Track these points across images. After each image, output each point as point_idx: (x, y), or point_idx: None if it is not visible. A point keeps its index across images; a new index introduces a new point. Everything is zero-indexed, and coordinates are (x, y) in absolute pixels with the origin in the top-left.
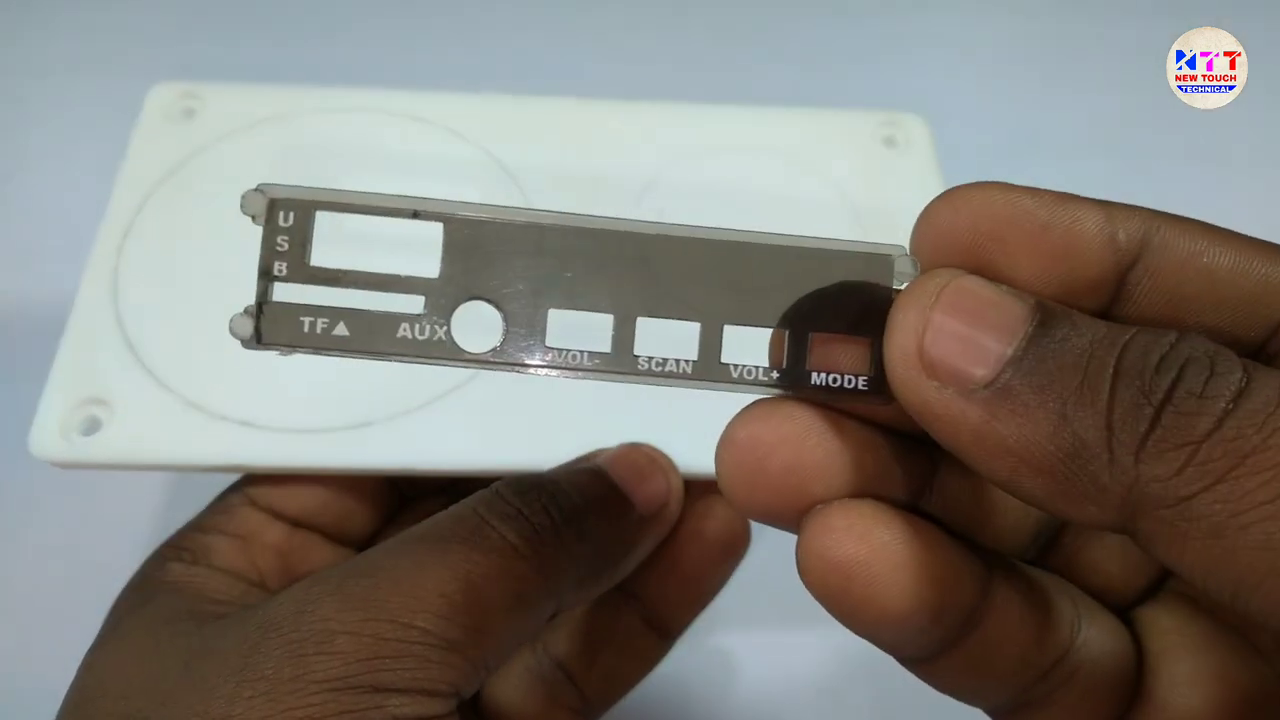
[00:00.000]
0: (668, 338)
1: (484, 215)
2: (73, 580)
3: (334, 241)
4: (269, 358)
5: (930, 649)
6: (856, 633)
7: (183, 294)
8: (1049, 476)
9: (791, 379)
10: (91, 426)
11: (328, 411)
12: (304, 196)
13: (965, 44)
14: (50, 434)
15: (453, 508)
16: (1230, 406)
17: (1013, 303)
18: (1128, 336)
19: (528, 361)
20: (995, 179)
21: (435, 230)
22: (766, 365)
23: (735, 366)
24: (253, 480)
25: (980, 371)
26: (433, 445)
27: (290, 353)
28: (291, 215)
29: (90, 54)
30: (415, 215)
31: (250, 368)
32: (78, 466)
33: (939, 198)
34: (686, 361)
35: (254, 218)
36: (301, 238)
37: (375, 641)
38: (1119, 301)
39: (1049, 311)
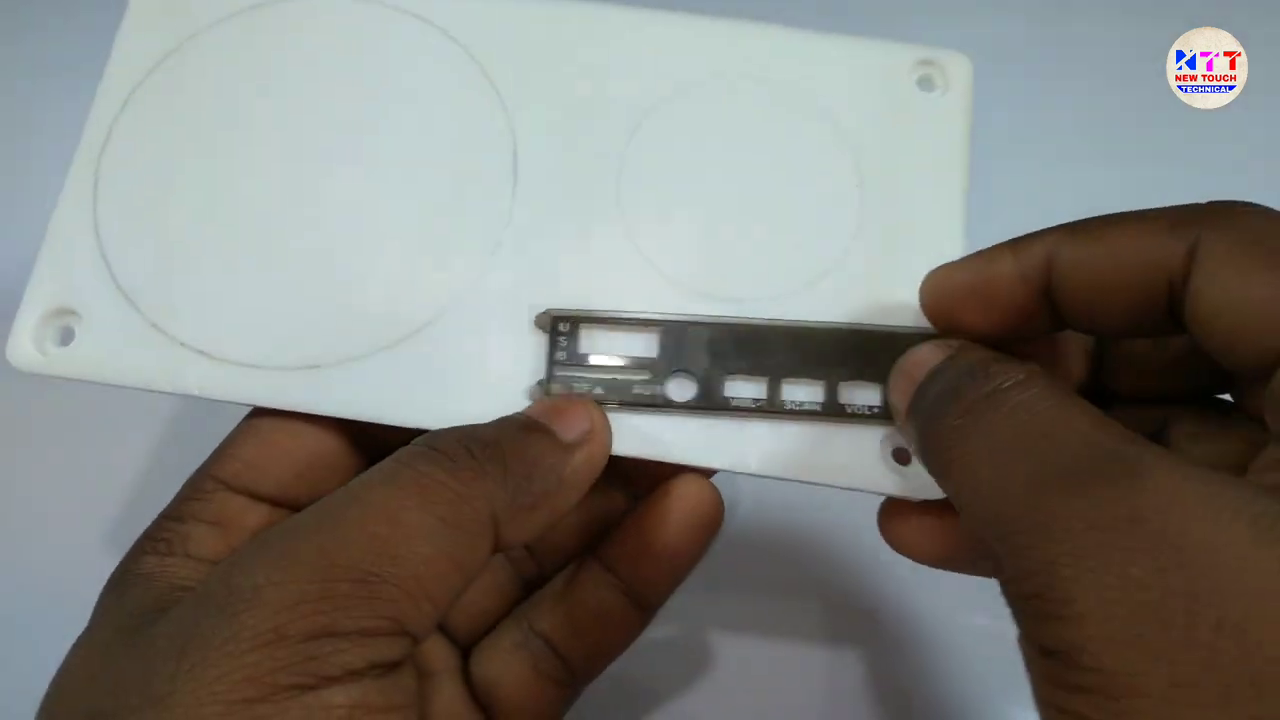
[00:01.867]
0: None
1: (681, 319)
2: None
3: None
4: (239, 287)
5: None
6: None
7: (163, 202)
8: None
9: (831, 407)
10: (66, 337)
11: (280, 350)
12: (576, 315)
13: (965, 44)
14: (25, 344)
15: (384, 463)
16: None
17: (927, 366)
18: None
19: (704, 406)
20: (996, 179)
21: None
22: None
23: (789, 402)
24: (224, 462)
25: (902, 405)
26: (380, 394)
27: None
28: (567, 325)
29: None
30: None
31: (213, 297)
32: (52, 378)
33: (922, 283)
34: (805, 404)
35: (542, 328)
36: (573, 338)
37: (300, 586)
38: (1058, 315)
39: (947, 359)
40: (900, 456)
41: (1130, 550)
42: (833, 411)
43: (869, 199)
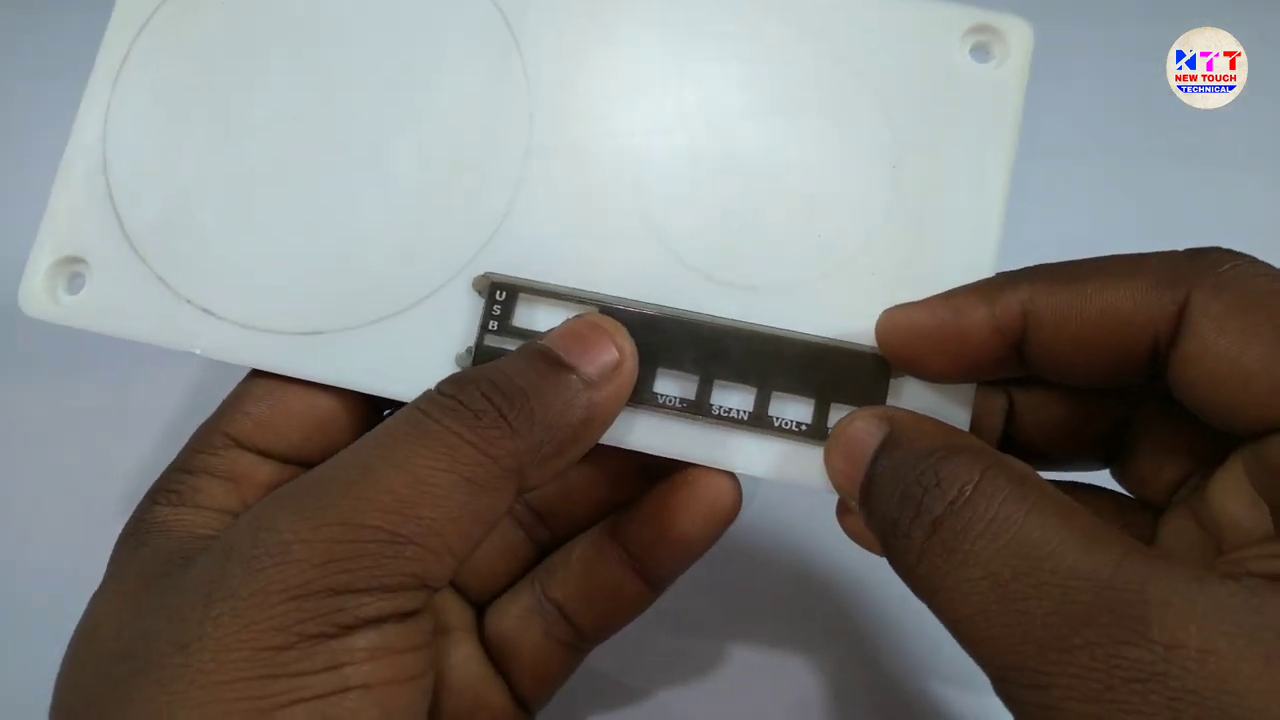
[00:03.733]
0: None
1: (630, 310)
2: None
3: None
4: (242, 248)
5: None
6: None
7: (173, 150)
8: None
9: (816, 431)
10: (76, 285)
11: (284, 313)
12: (514, 283)
13: None
14: (37, 290)
15: (396, 413)
16: (944, 511)
17: (866, 447)
18: (901, 470)
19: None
20: None
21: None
22: (800, 420)
23: (778, 419)
24: (235, 419)
25: (854, 496)
26: (382, 364)
27: None
28: (504, 294)
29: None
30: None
31: (220, 255)
32: (62, 324)
33: (877, 322)
34: (743, 412)
35: (479, 292)
36: (509, 308)
37: (328, 545)
38: (1026, 363)
39: (885, 443)
40: None
41: (1151, 708)
42: (762, 423)
43: (903, 182)
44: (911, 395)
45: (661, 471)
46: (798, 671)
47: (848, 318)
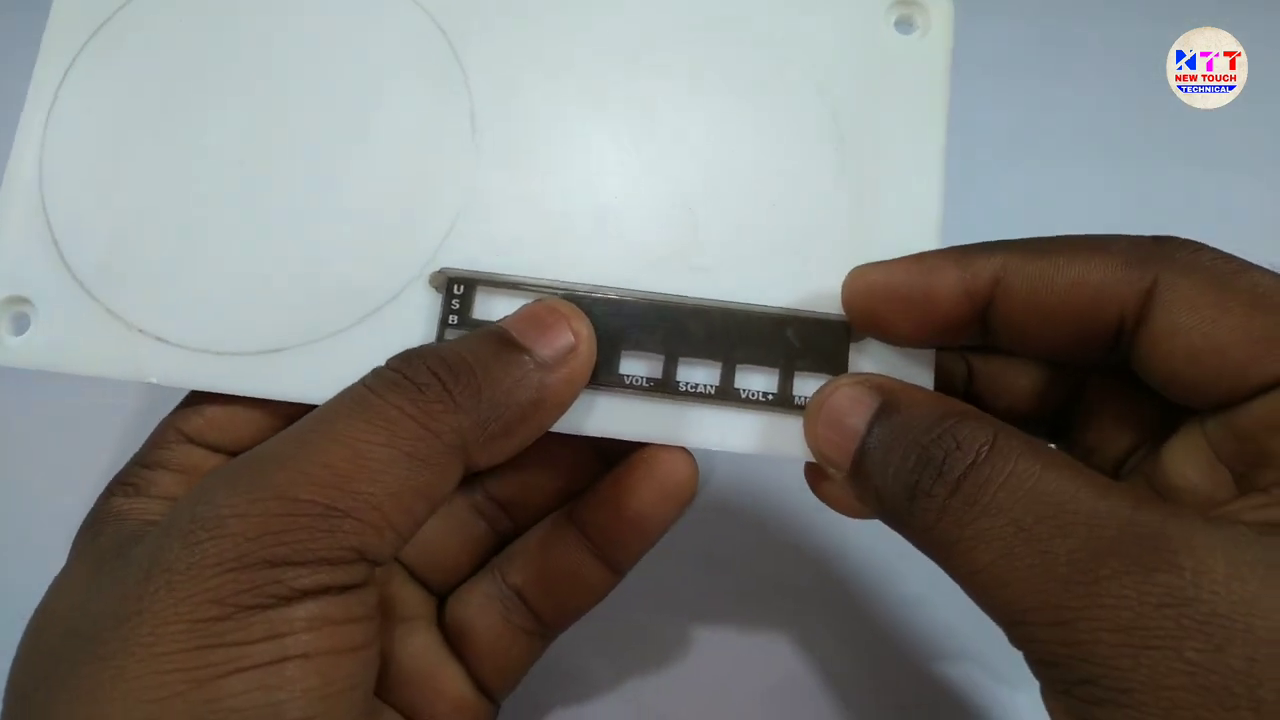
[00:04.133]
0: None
1: (593, 295)
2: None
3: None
4: (195, 273)
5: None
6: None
7: (113, 180)
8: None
9: (783, 400)
10: (20, 326)
11: (241, 334)
12: (471, 276)
13: (964, 44)
14: None
15: (343, 389)
16: (961, 474)
17: (856, 415)
18: (905, 439)
19: (601, 383)
20: (996, 177)
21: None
22: (765, 390)
23: (744, 391)
24: (188, 417)
25: (843, 465)
26: (339, 376)
27: None
28: (462, 288)
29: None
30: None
31: (170, 281)
32: (8, 366)
33: (845, 280)
34: (710, 387)
35: (437, 288)
36: (468, 301)
37: (264, 519)
38: (988, 331)
39: (881, 410)
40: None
41: (1184, 633)
42: (731, 396)
43: (846, 156)
44: (873, 360)
45: (620, 458)
46: (768, 647)
47: (805, 289)
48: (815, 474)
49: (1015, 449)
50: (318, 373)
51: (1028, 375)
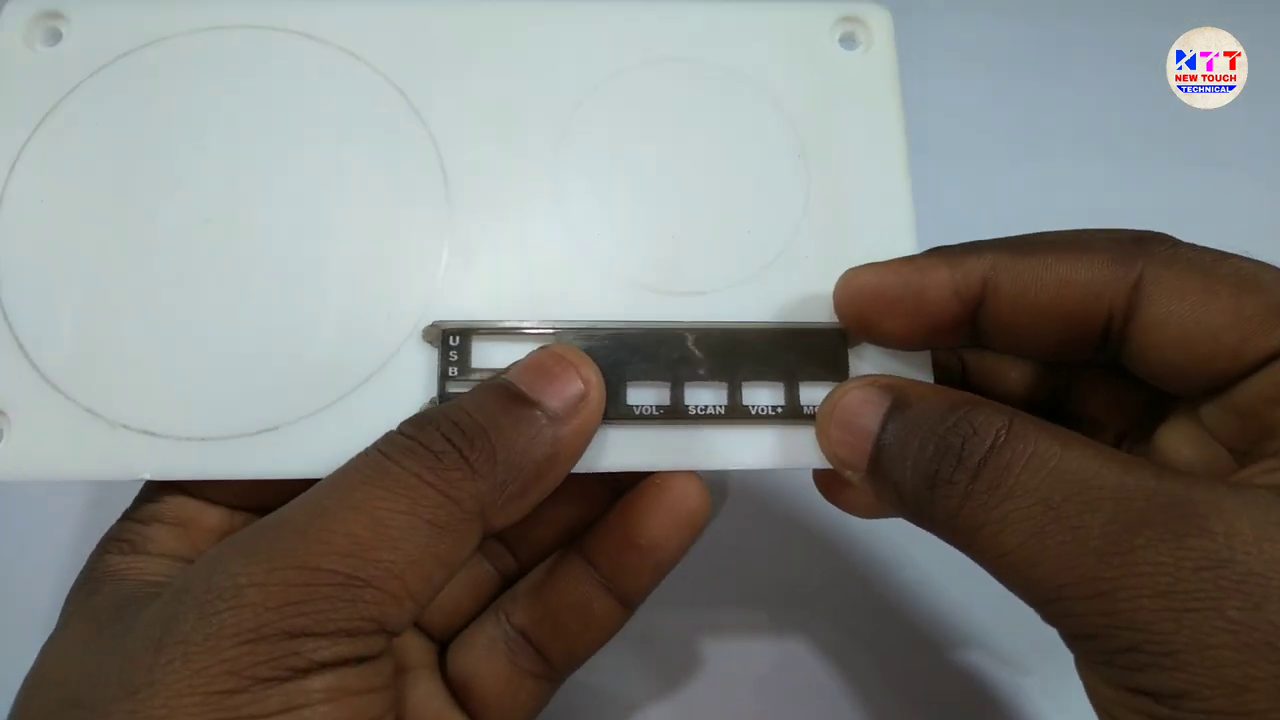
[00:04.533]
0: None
1: (576, 326)
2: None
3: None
4: (174, 358)
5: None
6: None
7: (73, 272)
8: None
9: (792, 411)
10: None
11: (232, 416)
12: (466, 327)
13: (965, 44)
14: None
15: (356, 455)
16: (975, 470)
17: (868, 416)
18: (919, 435)
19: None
20: (997, 178)
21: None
22: (774, 404)
23: (753, 407)
24: None
25: (860, 465)
26: (342, 445)
27: None
28: (458, 339)
29: None
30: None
31: (150, 371)
32: None
33: (837, 283)
34: (720, 407)
35: (431, 342)
36: (465, 352)
37: (284, 589)
38: (979, 331)
39: (893, 408)
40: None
41: (1222, 593)
42: (735, 415)
43: (813, 171)
44: (872, 363)
45: (629, 486)
46: (778, 648)
47: (796, 302)
48: (827, 481)
49: (1033, 431)
50: (319, 446)
51: (1018, 369)
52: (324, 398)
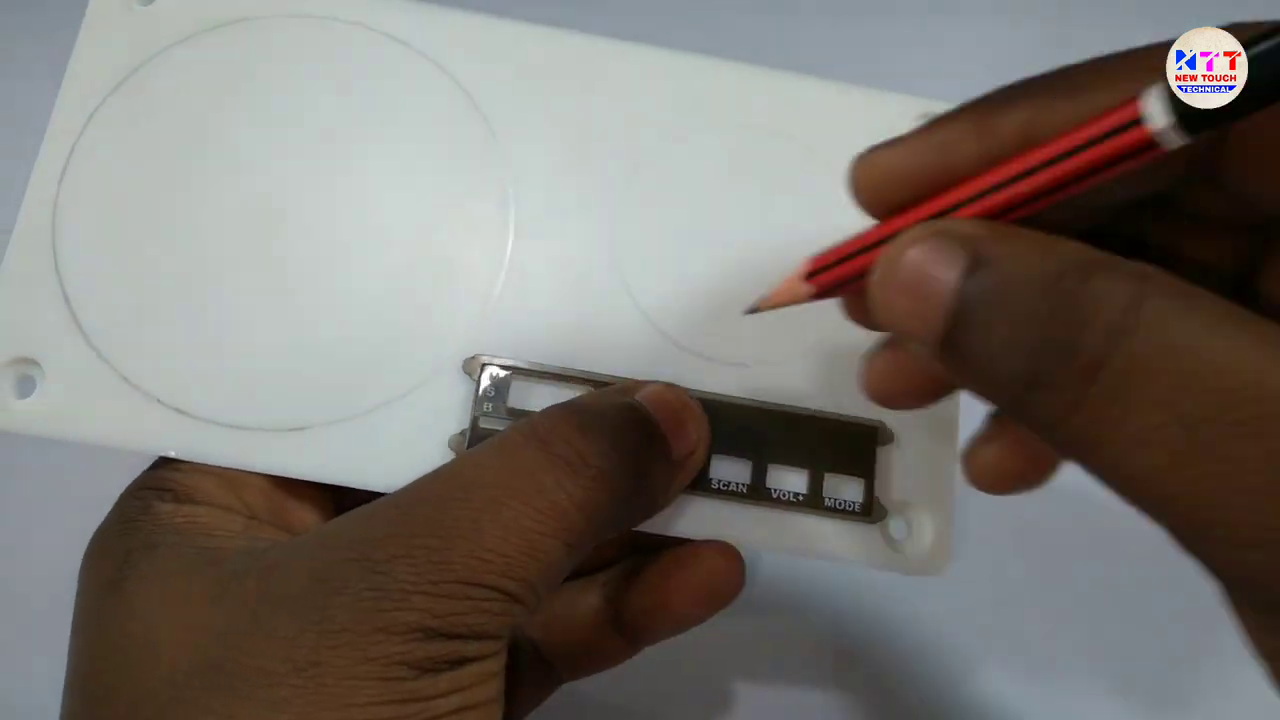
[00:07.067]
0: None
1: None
2: None
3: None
4: (217, 345)
5: None
6: None
7: (131, 238)
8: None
9: (813, 502)
10: (25, 389)
11: (265, 409)
12: (508, 366)
13: (965, 44)
14: None
15: (507, 450)
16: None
17: (938, 280)
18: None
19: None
20: None
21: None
22: (795, 490)
23: (775, 490)
24: None
25: (929, 335)
26: (367, 458)
27: None
28: (498, 376)
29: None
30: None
31: (190, 351)
32: (12, 431)
33: (852, 170)
34: (741, 485)
35: (471, 375)
36: (502, 390)
37: (450, 601)
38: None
39: (972, 269)
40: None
41: None
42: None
43: None
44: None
45: (650, 541)
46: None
47: (841, 389)
48: (857, 309)
49: (1166, 309)
50: (343, 454)
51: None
52: (355, 407)
